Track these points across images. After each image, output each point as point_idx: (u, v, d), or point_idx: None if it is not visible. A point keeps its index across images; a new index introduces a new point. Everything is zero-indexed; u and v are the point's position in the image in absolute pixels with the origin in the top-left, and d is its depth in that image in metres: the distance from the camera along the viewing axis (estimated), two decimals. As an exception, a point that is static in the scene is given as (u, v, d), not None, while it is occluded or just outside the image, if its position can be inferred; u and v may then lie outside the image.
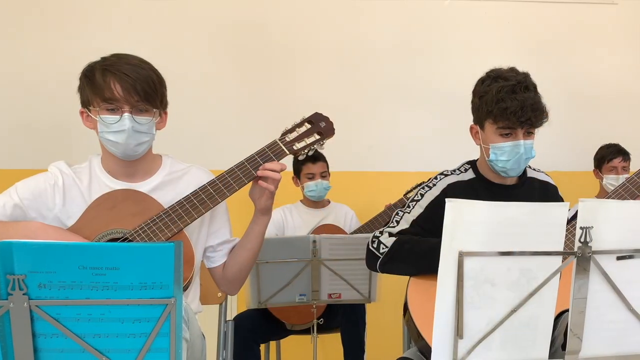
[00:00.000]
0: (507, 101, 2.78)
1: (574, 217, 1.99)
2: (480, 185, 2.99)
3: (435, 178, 3.02)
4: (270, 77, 5.55)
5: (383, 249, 2.84)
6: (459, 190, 2.94)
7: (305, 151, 2.80)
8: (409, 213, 2.94)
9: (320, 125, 2.82)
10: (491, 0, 5.82)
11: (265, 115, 5.33)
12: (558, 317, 2.48)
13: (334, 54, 5.63)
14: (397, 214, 2.98)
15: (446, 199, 1.90)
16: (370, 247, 2.89)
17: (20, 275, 1.68)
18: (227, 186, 2.65)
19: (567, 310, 2.02)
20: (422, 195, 2.97)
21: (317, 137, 2.81)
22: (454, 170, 3.05)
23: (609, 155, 5.17)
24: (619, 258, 1.99)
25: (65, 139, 4.97)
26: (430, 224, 2.83)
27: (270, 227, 4.42)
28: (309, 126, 2.81)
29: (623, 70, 5.94)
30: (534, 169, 3.13)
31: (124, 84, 2.50)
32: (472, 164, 3.07)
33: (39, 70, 5.23)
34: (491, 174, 2.98)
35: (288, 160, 2.85)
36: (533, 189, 3.05)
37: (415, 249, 2.79)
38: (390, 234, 2.89)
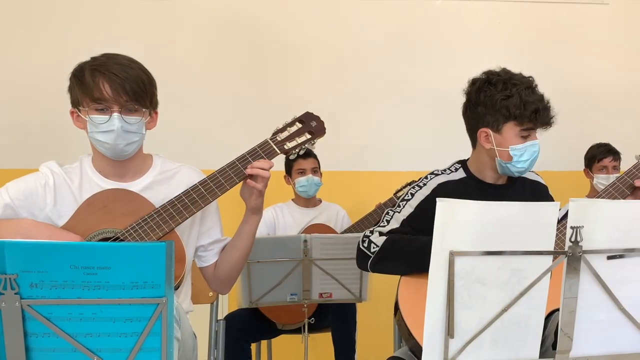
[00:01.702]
0: (535, 103, 2.85)
1: (565, 216, 1.99)
2: (470, 184, 3.00)
3: (426, 177, 3.02)
4: (262, 76, 5.55)
5: (374, 248, 2.84)
6: (449, 189, 2.95)
7: (296, 150, 2.80)
8: (399, 212, 2.94)
9: (311, 125, 2.82)
10: (482, 0, 5.82)
11: (256, 115, 5.32)
12: (548, 317, 2.48)
13: (325, 54, 5.63)
14: (387, 213, 2.98)
15: (437, 199, 1.90)
16: (361, 246, 2.90)
17: (12, 275, 1.68)
18: (218, 185, 2.65)
19: (557, 310, 2.03)
20: (412, 195, 2.97)
21: (308, 136, 2.81)
22: (445, 170, 3.06)
23: (600, 155, 5.18)
24: (609, 257, 1.99)
25: (56, 139, 4.96)
26: (421, 223, 2.83)
27: (262, 226, 4.43)
28: (300, 125, 2.81)
29: (614, 70, 5.95)
30: (524, 169, 3.14)
31: (113, 84, 2.49)
32: (463, 163, 3.08)
33: (30, 71, 5.23)
34: (482, 174, 2.99)
35: (279, 160, 2.85)
36: (524, 189, 3.05)
37: (406, 247, 2.79)
38: (381, 233, 2.89)
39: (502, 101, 2.88)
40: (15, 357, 1.75)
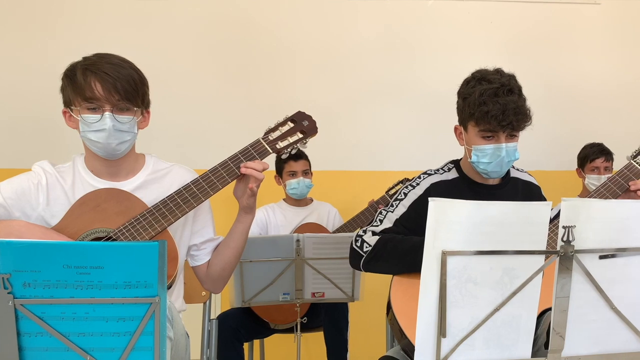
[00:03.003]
0: (489, 104, 2.78)
1: (557, 216, 2.00)
2: (463, 184, 3.00)
3: (419, 177, 3.03)
4: (254, 76, 5.54)
5: (366, 247, 2.84)
6: (442, 189, 2.95)
7: (288, 150, 2.80)
8: (392, 212, 2.95)
9: (303, 124, 2.82)
10: (474, 0, 5.83)
11: (248, 114, 5.33)
12: (541, 316, 2.49)
13: (317, 53, 5.63)
14: (380, 212, 2.98)
15: (429, 198, 1.90)
16: (354, 245, 2.90)
17: (4, 274, 1.68)
18: (210, 185, 2.66)
19: (549, 309, 2.03)
20: (405, 195, 2.97)
21: (300, 135, 2.81)
22: (438, 170, 3.06)
23: (592, 155, 5.17)
24: (601, 257, 1.99)
25: (49, 139, 4.96)
26: (414, 223, 2.84)
27: (254, 226, 4.43)
28: (292, 125, 2.82)
29: (606, 70, 5.96)
30: (517, 169, 3.13)
31: (104, 83, 2.50)
32: (456, 163, 3.08)
33: (23, 70, 5.22)
34: (474, 174, 2.99)
35: (271, 159, 2.85)
36: (516, 189, 3.06)
37: (399, 247, 2.79)
38: (374, 233, 2.89)
39: (464, 100, 2.90)
40: (8, 356, 1.75)
